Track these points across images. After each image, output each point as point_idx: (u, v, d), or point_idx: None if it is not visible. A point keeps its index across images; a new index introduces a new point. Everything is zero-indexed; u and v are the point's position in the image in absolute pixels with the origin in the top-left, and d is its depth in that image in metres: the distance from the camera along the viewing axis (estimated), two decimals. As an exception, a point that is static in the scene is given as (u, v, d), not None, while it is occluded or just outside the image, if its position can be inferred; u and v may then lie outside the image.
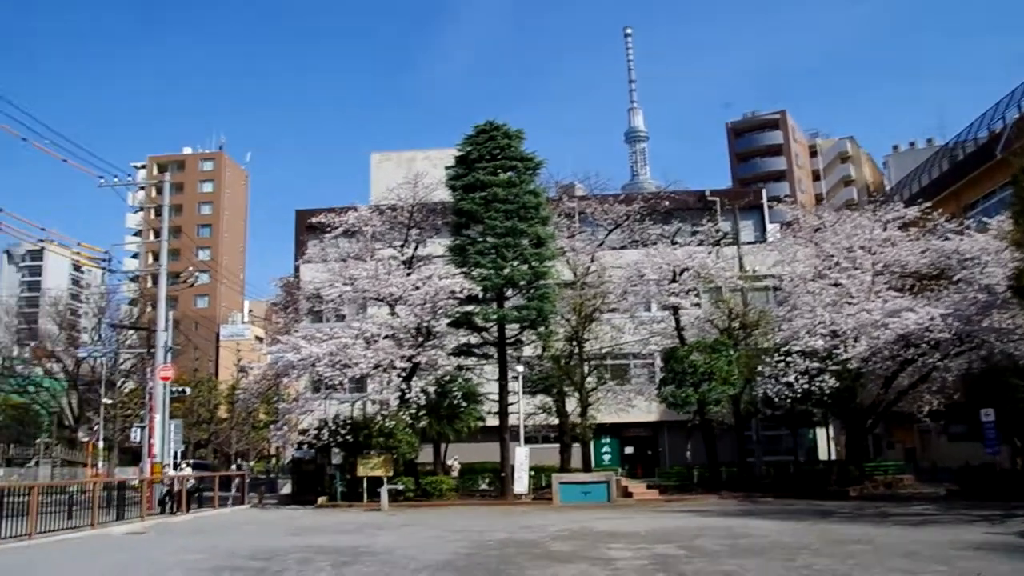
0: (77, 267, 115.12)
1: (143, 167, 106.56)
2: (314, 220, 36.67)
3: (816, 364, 27.68)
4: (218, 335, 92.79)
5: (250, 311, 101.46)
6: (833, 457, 33.44)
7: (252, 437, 66.98)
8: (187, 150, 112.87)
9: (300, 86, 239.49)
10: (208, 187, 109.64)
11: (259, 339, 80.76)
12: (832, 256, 31.20)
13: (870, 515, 20.33)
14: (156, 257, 44.99)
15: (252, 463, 63.58)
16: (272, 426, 38.11)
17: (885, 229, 31.57)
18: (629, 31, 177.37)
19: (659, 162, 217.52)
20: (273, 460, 64.45)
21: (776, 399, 28.47)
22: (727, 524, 18.69)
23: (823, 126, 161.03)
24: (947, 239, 29.63)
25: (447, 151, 34.22)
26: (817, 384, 27.43)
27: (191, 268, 41.27)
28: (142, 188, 43.26)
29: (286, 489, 37.21)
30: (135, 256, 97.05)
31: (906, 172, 59.83)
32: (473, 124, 31.89)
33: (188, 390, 48.59)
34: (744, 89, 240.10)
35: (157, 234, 58.94)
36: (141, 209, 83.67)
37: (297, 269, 39.37)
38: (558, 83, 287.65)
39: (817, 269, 31.25)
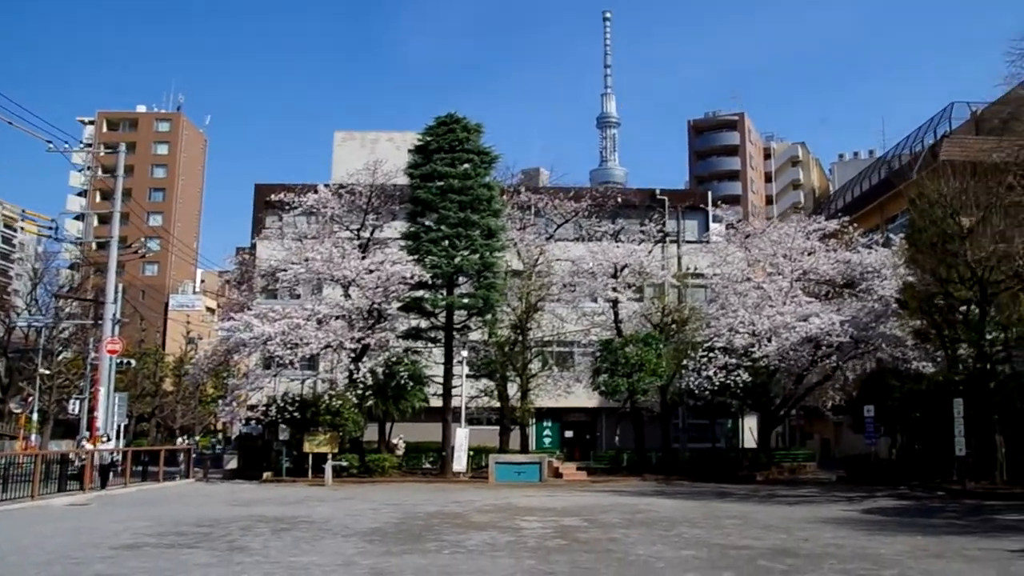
0: (8, 225, 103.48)
1: (91, 123, 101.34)
2: (273, 197, 36.02)
3: (734, 360, 30.14)
4: (167, 305, 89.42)
5: (202, 281, 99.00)
6: (753, 445, 35.92)
7: (199, 411, 64.84)
8: (141, 108, 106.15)
9: (266, 52, 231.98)
10: (163, 149, 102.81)
11: (211, 310, 79.42)
12: (759, 261, 33.62)
13: (760, 497, 22.53)
14: (103, 220, 43.00)
15: (197, 438, 62.73)
16: (220, 401, 38.06)
17: (808, 239, 33.90)
18: (608, 15, 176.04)
19: (628, 149, 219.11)
20: (219, 435, 63.56)
21: (696, 391, 30.91)
22: (635, 502, 20.49)
23: (781, 129, 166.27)
24: (858, 252, 32.41)
25: (410, 135, 34.33)
26: (732, 379, 29.98)
27: (142, 238, 40.38)
28: (89, 146, 41.57)
29: (232, 464, 36.93)
30: (78, 218, 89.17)
31: (847, 180, 62.60)
32: (435, 114, 32.49)
33: (133, 362, 47.28)
34: (711, 81, 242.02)
35: (104, 195, 53.85)
36: (87, 168, 77.59)
37: (254, 246, 38.93)
38: (535, 61, 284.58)
39: (744, 272, 33.53)
